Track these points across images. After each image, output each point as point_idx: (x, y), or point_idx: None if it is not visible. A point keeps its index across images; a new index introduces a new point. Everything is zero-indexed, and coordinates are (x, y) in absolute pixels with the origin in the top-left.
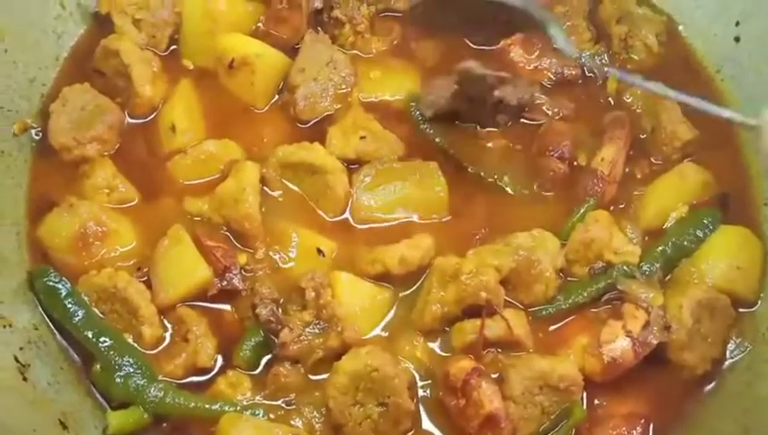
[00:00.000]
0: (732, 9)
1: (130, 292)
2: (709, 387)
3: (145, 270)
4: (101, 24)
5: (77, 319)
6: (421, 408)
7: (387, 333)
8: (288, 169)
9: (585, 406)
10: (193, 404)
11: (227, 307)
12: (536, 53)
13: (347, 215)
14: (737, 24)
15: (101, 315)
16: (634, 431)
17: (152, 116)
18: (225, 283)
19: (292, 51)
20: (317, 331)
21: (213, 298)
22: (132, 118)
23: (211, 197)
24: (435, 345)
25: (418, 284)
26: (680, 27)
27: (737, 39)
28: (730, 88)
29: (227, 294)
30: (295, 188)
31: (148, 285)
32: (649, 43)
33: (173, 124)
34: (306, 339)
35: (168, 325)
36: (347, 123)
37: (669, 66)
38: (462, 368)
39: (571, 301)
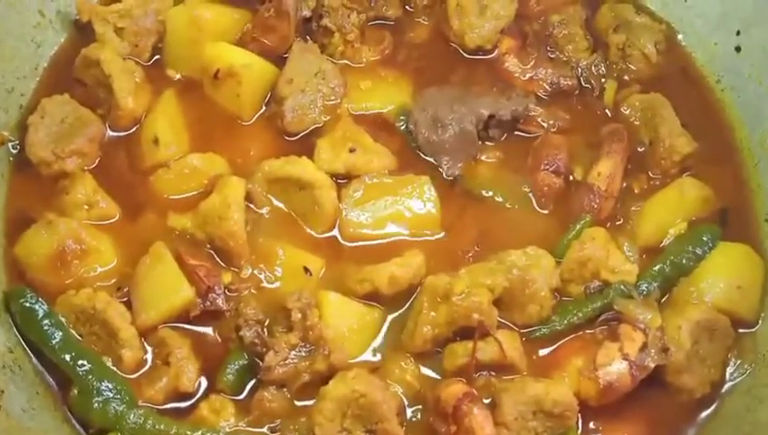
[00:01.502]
0: (733, 18)
1: (110, 313)
2: (708, 411)
3: (125, 290)
4: (82, 32)
5: (54, 341)
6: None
7: (376, 356)
8: (275, 185)
9: (580, 431)
10: (174, 430)
11: (211, 329)
12: (531, 63)
13: (335, 232)
14: (738, 33)
15: (79, 338)
16: None
17: (135, 128)
18: (208, 303)
19: (279, 60)
20: (303, 353)
21: (196, 319)
22: (114, 130)
23: (195, 213)
24: (425, 368)
25: (409, 303)
26: (680, 36)
27: (738, 49)
28: (730, 99)
29: (211, 315)
30: (282, 205)
31: (129, 305)
32: (648, 53)
33: (156, 137)
34: (292, 362)
35: (149, 348)
36: (336, 136)
37: (668, 76)
38: (453, 393)
39: (566, 321)
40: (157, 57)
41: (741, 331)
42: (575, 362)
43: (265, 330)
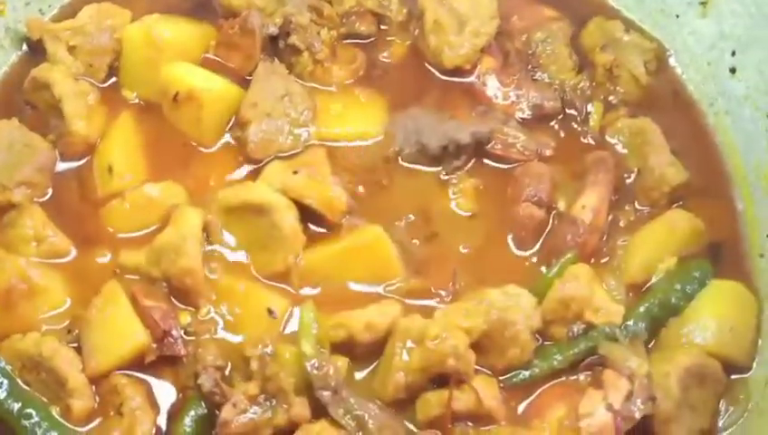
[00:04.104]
0: (728, 37)
1: (57, 361)
2: None
3: (76, 333)
4: (35, 50)
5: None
6: None
7: None
8: (233, 215)
9: None
10: None
11: (167, 376)
12: (513, 84)
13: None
14: (733, 53)
15: (26, 386)
16: None
17: (89, 156)
18: (164, 348)
19: (244, 82)
20: (264, 406)
21: (151, 366)
22: (65, 159)
23: (149, 248)
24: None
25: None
26: (671, 56)
27: (733, 70)
28: (724, 124)
29: (167, 361)
30: (242, 237)
31: (81, 349)
32: (637, 74)
33: (110, 165)
34: (251, 416)
35: (99, 397)
36: (295, 162)
37: (658, 99)
38: None
39: (546, 366)
40: (113, 78)
41: (733, 377)
42: (556, 410)
43: (227, 375)
